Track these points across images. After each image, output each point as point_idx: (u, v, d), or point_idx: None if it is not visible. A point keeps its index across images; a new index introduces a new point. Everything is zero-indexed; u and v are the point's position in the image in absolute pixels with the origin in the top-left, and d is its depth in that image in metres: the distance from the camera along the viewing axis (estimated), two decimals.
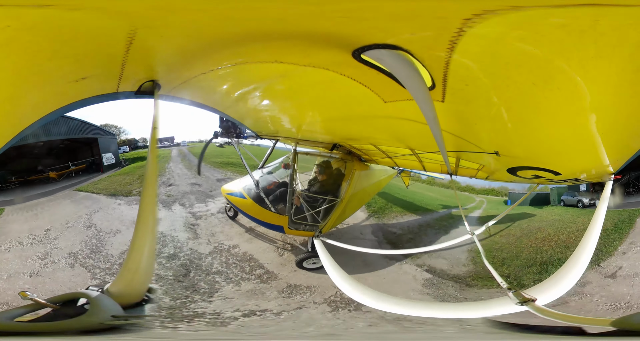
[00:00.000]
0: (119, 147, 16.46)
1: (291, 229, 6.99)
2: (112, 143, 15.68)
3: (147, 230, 2.51)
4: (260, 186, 7.37)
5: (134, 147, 17.33)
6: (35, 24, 1.70)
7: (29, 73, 2.04)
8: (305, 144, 7.22)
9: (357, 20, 1.77)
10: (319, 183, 7.44)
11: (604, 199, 3.88)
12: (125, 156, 16.08)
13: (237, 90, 3.37)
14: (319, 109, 4.00)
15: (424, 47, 1.90)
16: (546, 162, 3.66)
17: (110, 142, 15.63)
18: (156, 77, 2.67)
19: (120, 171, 14.43)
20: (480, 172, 5.90)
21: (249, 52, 2.40)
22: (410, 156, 5.78)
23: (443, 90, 2.32)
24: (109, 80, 2.50)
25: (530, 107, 2.23)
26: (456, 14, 1.58)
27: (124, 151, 16.73)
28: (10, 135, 2.50)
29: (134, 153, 16.73)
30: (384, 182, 9.99)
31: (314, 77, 2.64)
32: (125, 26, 1.91)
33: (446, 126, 2.93)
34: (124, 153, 16.42)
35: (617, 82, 1.82)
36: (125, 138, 17.28)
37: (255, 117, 4.72)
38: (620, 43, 1.54)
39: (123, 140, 17.11)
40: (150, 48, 2.22)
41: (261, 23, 1.93)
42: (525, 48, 1.70)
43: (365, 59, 2.12)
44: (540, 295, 3.39)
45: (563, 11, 1.44)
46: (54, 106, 2.49)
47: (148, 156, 2.65)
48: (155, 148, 2.63)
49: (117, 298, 2.47)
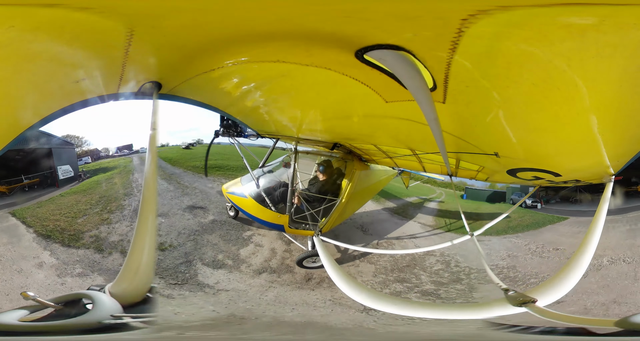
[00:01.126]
0: (80, 158, 14.70)
1: (291, 228, 7.02)
2: (70, 155, 13.68)
3: (147, 230, 2.52)
4: (260, 185, 7.38)
5: (97, 158, 15.66)
6: (38, 25, 1.70)
7: (30, 74, 2.04)
8: (306, 143, 7.22)
9: (360, 21, 1.77)
10: (319, 182, 7.44)
11: (604, 201, 3.87)
12: (86, 168, 14.13)
13: (238, 89, 3.36)
14: (320, 108, 4.00)
15: (426, 48, 1.91)
16: (546, 163, 3.66)
17: (68, 153, 13.69)
18: (157, 77, 2.67)
19: (78, 187, 11.93)
20: (480, 173, 5.90)
21: (252, 51, 2.41)
22: (410, 156, 5.78)
23: (444, 91, 2.32)
24: (109, 81, 2.50)
25: (531, 108, 2.23)
26: (454, 15, 1.58)
27: (86, 162, 14.96)
28: (11, 136, 2.51)
29: (97, 163, 14.95)
30: (384, 182, 9.99)
31: (316, 76, 2.64)
32: (126, 26, 1.92)
33: (447, 127, 2.93)
34: (86, 165, 14.53)
35: (618, 83, 1.81)
36: (87, 148, 15.53)
37: (256, 116, 4.72)
38: (621, 43, 1.54)
39: (85, 151, 15.42)
40: (151, 48, 2.22)
41: (264, 22, 1.93)
42: (525, 48, 1.70)
43: (368, 59, 2.12)
44: (540, 296, 3.39)
45: (563, 10, 1.44)
46: (55, 107, 2.49)
47: (147, 156, 2.65)
48: (155, 149, 2.63)
49: (118, 298, 2.47)
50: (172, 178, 12.57)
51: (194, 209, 9.53)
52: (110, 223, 8.56)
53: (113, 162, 15.43)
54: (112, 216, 8.99)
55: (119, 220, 8.74)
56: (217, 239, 8.24)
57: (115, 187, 11.49)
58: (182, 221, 8.88)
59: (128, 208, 9.50)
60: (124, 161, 15.34)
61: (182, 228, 8.56)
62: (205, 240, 8.13)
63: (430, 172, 8.73)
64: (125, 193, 10.76)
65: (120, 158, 16.13)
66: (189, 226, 8.68)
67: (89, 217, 8.89)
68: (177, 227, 8.54)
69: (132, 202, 9.77)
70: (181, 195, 10.52)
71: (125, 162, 15.08)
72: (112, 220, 8.78)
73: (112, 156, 16.24)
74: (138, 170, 13.24)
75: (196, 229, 8.54)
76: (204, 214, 9.35)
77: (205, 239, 8.17)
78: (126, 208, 9.49)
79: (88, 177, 13.05)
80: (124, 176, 12.95)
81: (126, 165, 14.50)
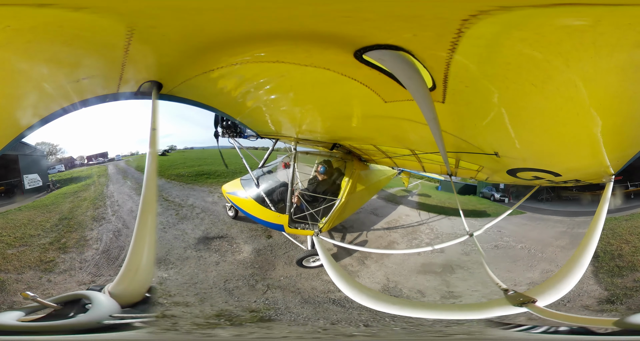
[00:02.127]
0: (53, 166, 13.53)
1: (291, 228, 7.02)
2: (38, 163, 12.47)
3: (147, 230, 2.52)
4: (260, 185, 7.40)
5: (71, 166, 14.42)
6: (36, 24, 1.70)
7: (29, 74, 2.04)
8: (306, 143, 7.23)
9: (359, 21, 1.77)
10: (319, 182, 7.46)
11: (604, 200, 3.87)
12: (57, 177, 12.74)
13: (238, 89, 3.36)
14: (320, 109, 4.00)
15: (425, 48, 1.91)
16: (546, 163, 3.66)
17: (36, 160, 12.46)
18: (157, 77, 2.67)
19: (41, 200, 10.15)
20: (480, 173, 5.91)
21: (252, 52, 2.41)
22: (410, 156, 5.79)
23: (444, 91, 2.32)
24: (109, 81, 2.50)
25: (530, 108, 2.23)
26: (454, 15, 1.58)
27: (59, 170, 13.66)
28: (11, 136, 2.51)
29: (69, 172, 13.47)
30: (384, 181, 10.01)
31: (315, 77, 2.64)
32: (126, 26, 1.92)
33: (446, 127, 2.93)
34: (58, 174, 13.23)
35: (617, 82, 1.82)
36: (62, 156, 14.50)
37: (255, 116, 4.72)
38: (619, 43, 1.54)
39: (60, 159, 14.39)
40: (150, 48, 2.22)
41: (263, 22, 1.93)
42: (524, 49, 1.70)
43: (367, 59, 2.12)
44: (540, 296, 3.39)
45: (561, 11, 1.44)
46: (55, 107, 2.49)
47: (147, 156, 2.65)
48: (155, 149, 2.63)
49: (118, 298, 2.48)
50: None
51: (210, 242, 6.27)
52: (49, 271, 5.20)
53: (87, 170, 13.99)
54: (60, 258, 5.52)
55: (69, 266, 5.31)
56: (287, 280, 5.43)
57: (82, 205, 8.55)
58: (203, 268, 5.33)
59: (94, 244, 5.87)
60: (97, 170, 13.59)
61: (211, 282, 4.96)
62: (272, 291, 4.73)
63: (430, 172, 8.77)
64: (94, 216, 7.54)
65: (94, 166, 14.91)
66: (224, 273, 5.29)
67: (28, 249, 5.69)
68: (202, 283, 4.83)
69: (103, 233, 6.07)
70: (177, 221, 7.16)
71: (99, 171, 13.16)
72: (58, 266, 5.24)
73: (87, 164, 15.25)
74: (114, 181, 10.80)
75: (240, 275, 5.28)
76: (231, 246, 6.33)
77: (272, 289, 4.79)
78: (91, 244, 5.97)
79: (58, 187, 11.70)
80: (96, 190, 10.30)
81: (100, 175, 12.39)
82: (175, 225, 6.90)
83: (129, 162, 15.14)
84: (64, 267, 5.38)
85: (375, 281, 6.05)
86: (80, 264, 5.50)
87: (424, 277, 6.07)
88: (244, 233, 6.90)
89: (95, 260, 5.52)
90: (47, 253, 5.82)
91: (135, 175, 11.61)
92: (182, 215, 7.58)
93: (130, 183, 10.40)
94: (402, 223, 10.02)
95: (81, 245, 6.07)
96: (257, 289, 5.11)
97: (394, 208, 11.91)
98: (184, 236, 6.45)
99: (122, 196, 8.52)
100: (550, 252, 8.03)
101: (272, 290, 5.09)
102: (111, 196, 8.72)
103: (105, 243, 6.02)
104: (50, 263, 5.55)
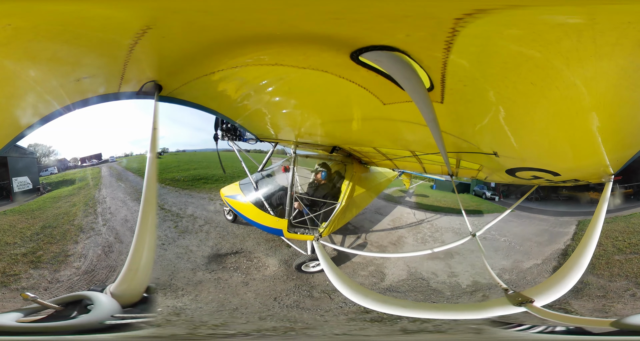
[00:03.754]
0: (46, 168, 13.15)
1: (290, 233, 6.90)
2: (29, 165, 12.12)
3: (147, 230, 2.52)
4: (259, 189, 7.36)
5: (65, 168, 13.98)
6: (37, 23, 1.70)
7: (30, 72, 2.04)
8: (305, 147, 7.21)
9: (350, 22, 1.77)
10: (318, 186, 7.43)
11: (603, 200, 3.88)
12: (49, 180, 12.31)
13: (237, 92, 3.37)
14: (319, 112, 4.01)
15: (420, 48, 1.91)
16: (545, 163, 3.67)
17: (27, 163, 12.11)
18: (158, 78, 2.68)
19: (28, 204, 9.53)
20: (481, 172, 5.91)
21: (251, 54, 2.41)
22: (410, 158, 5.79)
23: (442, 91, 2.32)
24: (110, 80, 2.51)
25: (529, 107, 2.23)
26: (447, 14, 1.58)
27: (52, 172, 13.24)
28: (11, 135, 2.51)
29: (61, 175, 13.02)
30: (385, 184, 10.00)
31: (313, 79, 2.65)
32: (127, 27, 1.92)
33: (446, 127, 2.93)
34: (49, 176, 12.76)
35: (617, 82, 1.82)
36: (55, 158, 14.18)
37: (255, 119, 4.73)
38: (619, 42, 1.54)
39: (53, 160, 14.13)
40: (152, 49, 2.23)
41: (260, 25, 1.94)
42: (523, 48, 1.70)
43: (363, 61, 2.13)
44: (538, 296, 3.40)
45: (560, 10, 1.45)
46: (56, 106, 2.50)
47: (148, 156, 2.66)
48: (155, 149, 2.64)
49: (119, 298, 2.48)
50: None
51: (224, 260, 5.36)
52: (3, 285, 4.34)
53: (79, 173, 13.61)
54: (27, 274, 4.55)
55: (32, 285, 4.40)
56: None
57: (70, 212, 7.76)
58: (231, 291, 4.38)
59: (75, 261, 4.79)
60: (91, 172, 13.02)
61: (258, 304, 4.13)
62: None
63: (431, 173, 8.79)
64: (81, 226, 6.53)
65: (87, 168, 14.66)
66: (264, 292, 4.46)
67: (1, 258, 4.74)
68: (246, 307, 4.06)
69: (90, 248, 5.03)
70: (178, 236, 6.10)
71: (92, 173, 12.64)
72: (18, 282, 4.34)
73: (81, 166, 15.07)
74: (107, 185, 9.91)
75: (286, 290, 4.56)
76: (251, 261, 5.50)
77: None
78: (71, 261, 4.84)
79: (49, 190, 11.32)
80: (86, 194, 9.51)
81: (94, 177, 11.78)
82: (176, 241, 5.96)
83: (122, 163, 14.85)
84: (25, 284, 4.45)
85: (400, 268, 7.45)
86: (49, 284, 4.54)
87: (433, 262, 7.80)
88: (260, 245, 6.31)
89: (71, 282, 4.51)
90: (15, 265, 4.99)
91: (129, 178, 10.61)
92: (182, 228, 6.67)
93: (124, 187, 9.42)
94: (406, 220, 11.30)
95: (59, 261, 5.13)
96: (318, 298, 4.48)
97: (394, 206, 12.92)
98: (188, 255, 5.57)
99: (116, 202, 7.82)
100: (527, 246, 9.08)
101: (335, 293, 4.66)
102: (103, 201, 7.89)
103: (91, 261, 4.91)
104: (12, 277, 4.63)
